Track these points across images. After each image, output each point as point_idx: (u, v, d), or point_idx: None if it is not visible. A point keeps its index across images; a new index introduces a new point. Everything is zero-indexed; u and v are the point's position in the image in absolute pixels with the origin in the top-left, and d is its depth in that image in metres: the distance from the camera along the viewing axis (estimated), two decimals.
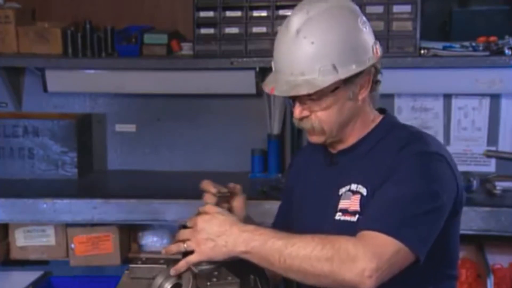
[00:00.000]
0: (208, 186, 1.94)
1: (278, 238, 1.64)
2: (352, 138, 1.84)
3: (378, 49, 1.78)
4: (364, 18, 1.77)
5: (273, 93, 1.76)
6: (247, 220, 1.98)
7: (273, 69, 1.81)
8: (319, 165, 1.92)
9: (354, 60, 1.72)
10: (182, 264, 1.69)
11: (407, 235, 1.61)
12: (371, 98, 1.82)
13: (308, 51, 1.70)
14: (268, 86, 1.78)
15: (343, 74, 1.70)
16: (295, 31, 1.71)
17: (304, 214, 1.91)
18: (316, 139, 1.82)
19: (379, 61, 1.79)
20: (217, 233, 1.67)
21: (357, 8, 1.79)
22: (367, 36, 1.76)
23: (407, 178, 1.68)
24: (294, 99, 1.76)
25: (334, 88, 1.72)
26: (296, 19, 1.72)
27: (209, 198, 1.94)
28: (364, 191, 1.76)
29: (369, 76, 1.77)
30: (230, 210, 1.95)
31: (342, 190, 1.80)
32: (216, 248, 1.66)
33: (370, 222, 1.64)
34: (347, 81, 1.72)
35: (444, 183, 1.71)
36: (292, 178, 2.06)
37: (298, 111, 1.76)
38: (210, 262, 1.70)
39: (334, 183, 1.83)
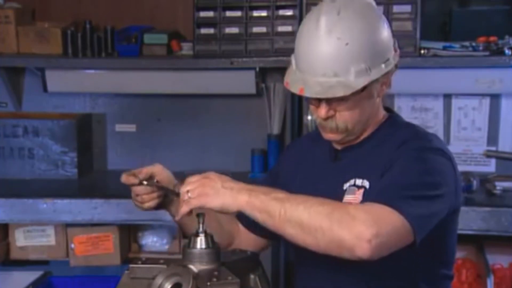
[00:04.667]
0: (129, 179, 1.86)
1: (280, 192, 1.65)
2: (361, 135, 1.84)
3: (397, 47, 1.81)
4: (383, 15, 1.79)
5: (302, 94, 1.73)
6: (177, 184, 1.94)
7: (294, 66, 1.78)
8: (321, 160, 1.91)
9: (383, 60, 1.73)
10: (184, 209, 1.67)
11: (410, 211, 1.58)
12: (383, 95, 1.84)
13: (343, 52, 1.68)
14: (296, 86, 1.74)
15: (374, 74, 1.71)
16: (327, 31, 1.69)
17: None
18: (334, 137, 1.81)
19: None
20: (225, 180, 1.67)
21: (375, 5, 1.80)
22: (389, 34, 1.77)
23: (411, 167, 1.69)
24: (320, 99, 1.74)
25: (364, 88, 1.72)
26: (326, 19, 1.70)
27: (142, 189, 1.87)
28: (367, 184, 1.76)
29: (390, 74, 1.78)
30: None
31: (346, 185, 1.80)
32: (220, 192, 1.64)
33: (375, 195, 1.64)
34: (375, 80, 1.73)
35: (445, 176, 1.71)
36: (283, 165, 2.03)
37: (324, 111, 1.74)
38: (210, 262, 1.69)
39: (338, 178, 1.83)
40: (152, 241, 3.55)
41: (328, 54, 1.69)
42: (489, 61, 3.18)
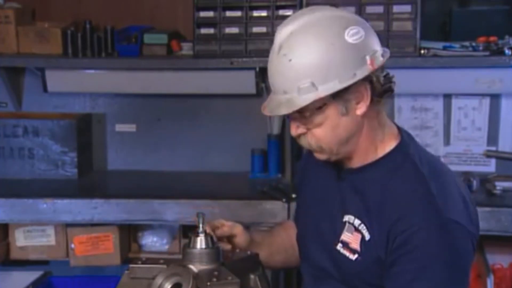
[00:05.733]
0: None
1: None
2: (358, 158, 1.77)
3: (375, 60, 1.65)
4: (356, 28, 1.64)
5: (264, 112, 1.73)
6: (252, 243, 1.97)
7: None
8: (327, 175, 1.87)
9: (337, 76, 1.61)
10: None
11: None
12: (377, 112, 1.74)
13: (287, 69, 1.63)
14: (263, 106, 1.75)
15: (323, 91, 1.61)
16: (278, 49, 1.66)
17: (308, 225, 1.91)
18: (319, 155, 1.77)
19: (381, 71, 1.70)
20: None
21: (349, 16, 1.67)
22: (357, 48, 1.63)
23: (438, 266, 1.66)
24: (289, 117, 1.72)
25: (322, 105, 1.65)
26: (280, 35, 1.66)
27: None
28: (367, 235, 1.72)
29: (365, 89, 1.66)
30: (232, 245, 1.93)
31: (346, 218, 1.77)
32: None
33: None
34: (336, 97, 1.64)
35: (469, 258, 1.75)
36: (300, 176, 2.04)
37: (293, 128, 1.73)
38: (210, 262, 1.70)
39: (339, 204, 1.80)
40: (152, 241, 3.56)
41: (278, 72, 1.66)
42: (489, 61, 3.17)
